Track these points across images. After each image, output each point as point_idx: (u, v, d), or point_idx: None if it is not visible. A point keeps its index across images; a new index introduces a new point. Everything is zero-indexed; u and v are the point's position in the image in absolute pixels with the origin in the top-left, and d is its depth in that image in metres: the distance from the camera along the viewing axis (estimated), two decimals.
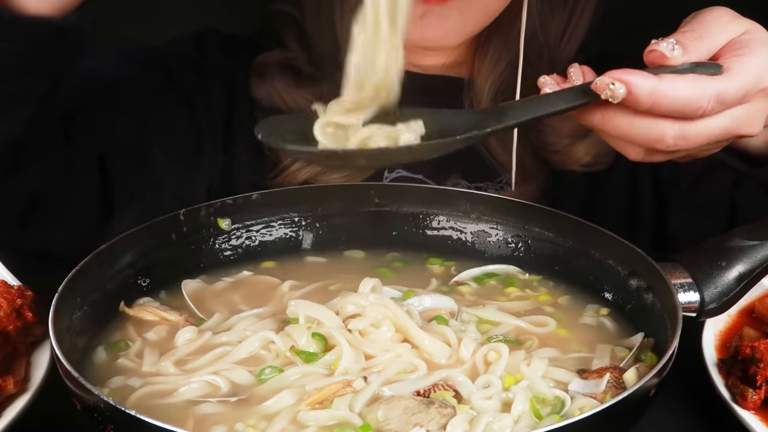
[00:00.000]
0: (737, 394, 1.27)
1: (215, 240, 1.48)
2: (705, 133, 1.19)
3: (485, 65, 1.75)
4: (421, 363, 1.24)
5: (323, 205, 1.53)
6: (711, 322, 1.40)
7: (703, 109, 1.16)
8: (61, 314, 1.23)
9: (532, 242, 1.50)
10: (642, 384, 1.12)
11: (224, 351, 1.27)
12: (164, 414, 1.18)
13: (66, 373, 1.14)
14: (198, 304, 1.39)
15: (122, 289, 1.38)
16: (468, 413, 1.17)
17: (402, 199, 1.53)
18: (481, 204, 1.52)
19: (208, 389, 1.22)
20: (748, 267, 1.35)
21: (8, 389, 1.24)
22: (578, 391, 1.22)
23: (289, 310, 1.32)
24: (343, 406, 1.17)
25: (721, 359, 1.34)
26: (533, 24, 1.66)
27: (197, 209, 1.46)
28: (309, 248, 1.53)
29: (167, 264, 1.44)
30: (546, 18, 1.73)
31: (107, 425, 1.10)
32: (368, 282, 1.34)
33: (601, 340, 1.34)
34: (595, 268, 1.44)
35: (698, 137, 1.19)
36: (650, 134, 1.17)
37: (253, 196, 1.49)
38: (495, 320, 1.36)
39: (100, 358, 1.29)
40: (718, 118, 1.19)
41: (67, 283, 1.27)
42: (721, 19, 1.23)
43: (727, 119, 1.19)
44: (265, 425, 1.16)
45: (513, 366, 1.25)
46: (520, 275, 1.48)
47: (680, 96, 1.15)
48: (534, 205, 1.51)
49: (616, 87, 1.14)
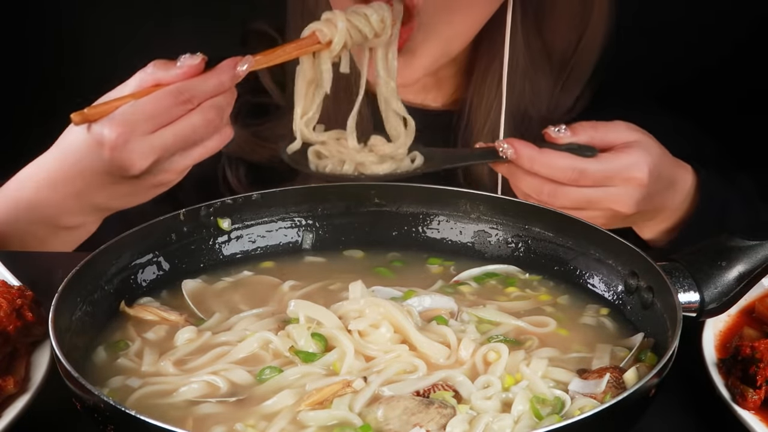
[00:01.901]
0: (737, 394, 1.27)
1: (215, 240, 1.48)
2: (571, 196, 1.58)
3: (481, 106, 1.85)
4: (421, 363, 1.24)
5: (323, 205, 1.53)
6: (711, 322, 1.40)
7: (568, 177, 1.56)
8: (61, 314, 1.23)
9: (532, 242, 1.50)
10: (642, 384, 1.12)
11: (223, 351, 1.27)
12: (164, 414, 1.18)
13: (66, 373, 1.14)
14: (198, 304, 1.39)
15: (122, 289, 1.38)
16: (468, 413, 1.17)
17: (402, 199, 1.54)
18: (481, 204, 1.52)
19: (207, 389, 1.22)
20: (748, 267, 1.35)
21: (8, 389, 1.24)
22: (578, 391, 1.22)
23: (290, 310, 1.32)
24: (343, 406, 1.17)
25: (721, 359, 1.34)
26: (523, 73, 1.82)
27: (197, 209, 1.46)
28: (309, 248, 1.53)
29: (167, 264, 1.44)
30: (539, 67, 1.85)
31: (107, 425, 1.10)
32: (356, 286, 1.35)
33: (601, 340, 1.34)
34: (595, 268, 1.44)
35: (565, 198, 1.58)
36: (534, 187, 1.58)
37: (253, 196, 1.49)
38: (495, 320, 1.36)
39: (100, 358, 1.29)
40: (586, 189, 1.57)
41: (67, 283, 1.27)
42: (621, 125, 1.62)
43: (595, 192, 1.58)
44: (264, 425, 1.16)
45: (513, 366, 1.25)
46: (520, 275, 1.48)
47: (551, 164, 1.56)
48: (534, 205, 1.51)
49: (506, 148, 1.57)
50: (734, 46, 2.21)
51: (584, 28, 1.83)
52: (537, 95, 1.84)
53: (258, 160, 1.84)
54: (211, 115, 1.51)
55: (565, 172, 1.55)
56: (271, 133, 1.85)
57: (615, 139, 1.60)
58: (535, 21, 1.79)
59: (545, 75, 1.84)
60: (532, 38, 1.80)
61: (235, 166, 1.87)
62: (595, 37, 1.84)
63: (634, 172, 1.58)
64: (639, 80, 1.82)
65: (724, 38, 2.21)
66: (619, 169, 1.58)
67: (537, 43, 1.81)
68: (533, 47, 1.80)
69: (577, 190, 1.57)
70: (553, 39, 1.83)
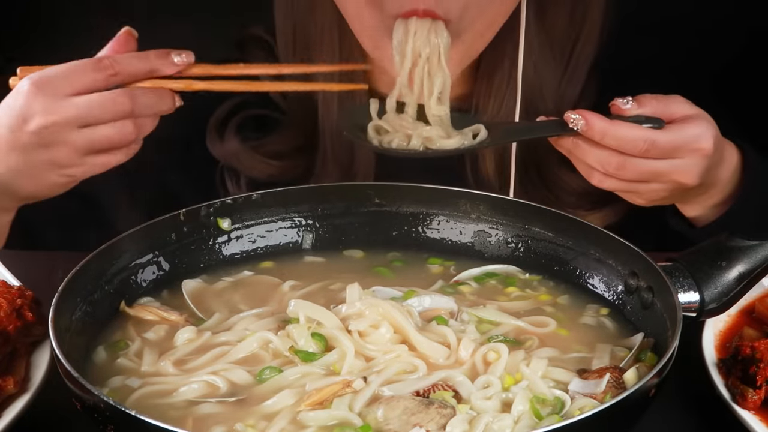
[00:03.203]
0: (737, 394, 1.27)
1: (215, 240, 1.48)
2: (640, 168, 1.53)
3: (490, 101, 1.82)
4: (421, 363, 1.24)
5: (323, 205, 1.53)
6: (711, 322, 1.40)
7: (639, 149, 1.52)
8: (61, 314, 1.23)
9: (532, 242, 1.50)
10: (642, 384, 1.12)
11: (223, 351, 1.27)
12: (164, 414, 1.18)
13: (66, 373, 1.14)
14: (198, 304, 1.39)
15: (122, 289, 1.38)
16: (467, 413, 1.17)
17: (402, 199, 1.54)
18: (481, 204, 1.52)
19: (207, 389, 1.22)
20: (748, 267, 1.35)
21: (8, 389, 1.24)
22: (578, 391, 1.22)
23: (290, 310, 1.32)
24: (343, 406, 1.17)
25: (721, 359, 1.34)
26: (528, 67, 1.77)
27: (197, 209, 1.46)
28: (309, 248, 1.53)
29: (167, 264, 1.44)
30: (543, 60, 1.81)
31: (107, 425, 1.10)
32: (353, 288, 1.35)
33: (601, 340, 1.34)
34: (595, 268, 1.44)
35: (633, 169, 1.53)
36: (601, 159, 1.53)
37: (253, 196, 1.50)
38: (495, 320, 1.36)
39: (100, 358, 1.29)
40: (654, 161, 1.54)
41: (67, 283, 1.27)
42: (681, 98, 1.60)
43: (663, 164, 1.54)
44: (264, 425, 1.16)
45: (513, 366, 1.25)
46: (520, 275, 1.49)
47: (621, 135, 1.52)
48: (534, 205, 1.51)
49: (577, 119, 1.52)
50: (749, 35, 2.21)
51: (583, 19, 1.83)
52: (544, 88, 1.84)
53: (257, 176, 1.83)
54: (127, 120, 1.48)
55: (637, 143, 1.52)
56: (271, 148, 1.84)
57: (677, 111, 1.58)
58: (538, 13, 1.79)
59: (550, 67, 1.84)
60: (535, 30, 1.79)
61: (235, 177, 1.86)
62: (594, 28, 1.84)
63: (701, 143, 1.56)
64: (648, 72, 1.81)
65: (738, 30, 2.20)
66: (687, 140, 1.55)
67: (540, 36, 1.80)
68: (537, 40, 1.80)
69: (645, 162, 1.54)
70: (553, 31, 1.82)
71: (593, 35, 1.84)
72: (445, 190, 1.54)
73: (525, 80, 1.76)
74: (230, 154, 1.80)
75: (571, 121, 1.52)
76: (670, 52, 2.13)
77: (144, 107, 1.49)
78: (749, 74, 2.22)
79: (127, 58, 1.50)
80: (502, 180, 1.83)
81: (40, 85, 1.46)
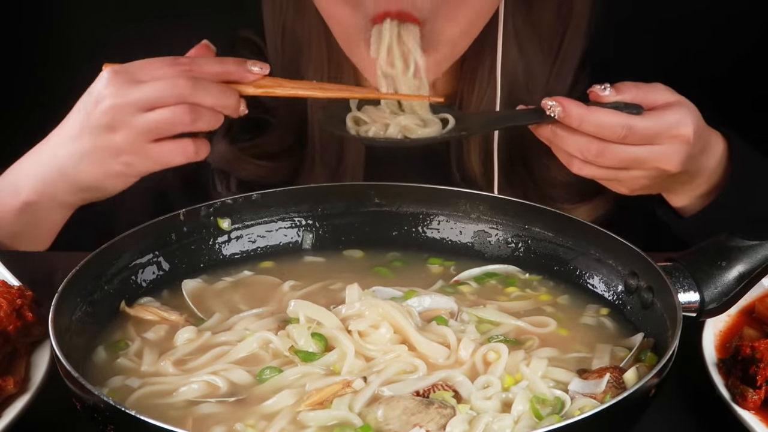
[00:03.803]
0: (737, 394, 1.27)
1: (215, 240, 1.48)
2: (619, 155, 1.53)
3: (473, 97, 1.82)
4: (421, 363, 1.24)
5: (323, 205, 1.53)
6: (711, 322, 1.40)
7: (617, 135, 1.51)
8: (61, 314, 1.23)
9: (532, 242, 1.50)
10: (642, 384, 1.12)
11: (223, 351, 1.27)
12: (164, 414, 1.18)
13: (66, 373, 1.14)
14: (198, 304, 1.39)
15: (122, 289, 1.38)
16: (467, 413, 1.17)
17: (401, 199, 1.54)
18: (481, 204, 1.52)
19: (207, 389, 1.22)
20: (748, 267, 1.35)
21: (8, 389, 1.24)
22: (578, 391, 1.22)
23: (290, 310, 1.32)
24: (343, 407, 1.17)
25: (721, 359, 1.34)
26: (514, 62, 1.80)
27: (197, 209, 1.46)
28: (309, 248, 1.53)
29: (167, 264, 1.44)
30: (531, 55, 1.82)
31: (107, 425, 1.10)
32: (353, 289, 1.35)
33: (601, 340, 1.34)
34: (595, 268, 1.44)
35: (613, 156, 1.53)
36: (580, 146, 1.53)
37: (253, 196, 1.50)
38: (495, 320, 1.36)
39: (100, 358, 1.29)
40: (633, 147, 1.53)
41: (67, 283, 1.27)
42: (661, 86, 1.59)
43: (643, 151, 1.54)
44: (264, 425, 1.16)
45: (513, 366, 1.25)
46: (520, 275, 1.49)
47: (599, 121, 1.51)
48: (534, 205, 1.51)
49: (554, 106, 1.51)
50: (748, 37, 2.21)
51: (570, 13, 1.83)
52: (530, 83, 1.84)
53: (246, 177, 1.83)
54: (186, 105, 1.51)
55: (615, 129, 1.51)
56: (261, 150, 1.85)
57: (657, 98, 1.58)
58: (524, 8, 1.79)
59: (537, 62, 1.84)
60: (521, 25, 1.79)
61: (225, 178, 1.86)
62: (582, 22, 1.83)
63: (681, 129, 1.56)
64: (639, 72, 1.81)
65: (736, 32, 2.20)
66: (666, 126, 1.55)
67: (527, 31, 1.81)
68: (522, 35, 1.80)
69: (624, 149, 1.54)
70: (540, 25, 1.82)
71: (581, 29, 1.84)
72: (445, 190, 1.54)
73: (512, 76, 1.78)
74: (220, 156, 1.81)
75: (548, 108, 1.51)
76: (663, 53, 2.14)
77: (205, 96, 1.51)
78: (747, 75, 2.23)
79: (204, 59, 1.55)
80: (488, 175, 1.83)
81: (117, 72, 1.53)
